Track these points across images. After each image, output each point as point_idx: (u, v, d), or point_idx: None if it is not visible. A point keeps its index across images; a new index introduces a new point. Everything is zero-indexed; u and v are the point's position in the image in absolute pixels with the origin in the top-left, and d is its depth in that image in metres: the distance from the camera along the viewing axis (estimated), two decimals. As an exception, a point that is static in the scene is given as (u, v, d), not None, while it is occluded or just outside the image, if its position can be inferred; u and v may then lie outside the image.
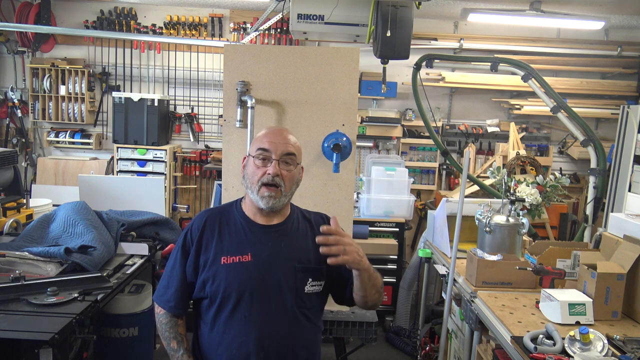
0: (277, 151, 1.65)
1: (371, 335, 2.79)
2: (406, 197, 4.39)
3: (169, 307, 1.72)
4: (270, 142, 1.66)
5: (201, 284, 1.67)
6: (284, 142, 1.68)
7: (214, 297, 1.64)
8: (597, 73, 5.14)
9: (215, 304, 1.65)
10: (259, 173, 1.65)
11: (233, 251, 1.66)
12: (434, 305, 3.92)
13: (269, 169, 1.64)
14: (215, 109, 5.28)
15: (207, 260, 1.67)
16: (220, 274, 1.64)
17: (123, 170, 4.92)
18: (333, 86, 2.76)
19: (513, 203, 2.73)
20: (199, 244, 1.69)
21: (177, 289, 1.71)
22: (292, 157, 1.68)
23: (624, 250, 2.16)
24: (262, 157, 1.66)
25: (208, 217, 1.74)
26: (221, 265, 1.64)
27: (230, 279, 1.63)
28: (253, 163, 1.67)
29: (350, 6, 3.28)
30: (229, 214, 1.75)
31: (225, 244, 1.68)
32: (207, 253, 1.68)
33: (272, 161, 1.65)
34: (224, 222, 1.73)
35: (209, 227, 1.71)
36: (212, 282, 1.64)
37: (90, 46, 5.21)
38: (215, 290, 1.64)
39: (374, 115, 5.05)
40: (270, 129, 1.74)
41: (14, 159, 3.33)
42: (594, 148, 3.74)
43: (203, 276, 1.67)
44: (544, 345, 1.79)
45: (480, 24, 4.92)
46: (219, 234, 1.70)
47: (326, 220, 1.77)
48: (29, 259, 2.32)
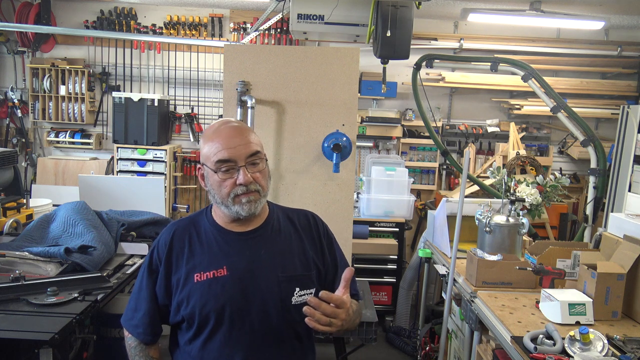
0: (240, 157, 1.42)
1: (371, 335, 2.79)
2: (406, 197, 4.39)
3: (137, 334, 1.55)
4: (228, 150, 1.41)
5: (176, 307, 1.49)
6: (244, 142, 1.43)
7: (191, 320, 1.46)
8: (597, 73, 5.14)
9: (193, 327, 1.47)
10: (227, 185, 1.42)
11: (206, 266, 1.46)
12: (434, 305, 3.91)
13: (239, 178, 1.41)
14: (215, 109, 5.28)
15: (180, 280, 1.48)
16: (194, 294, 1.45)
17: (123, 170, 4.92)
18: (333, 86, 2.76)
19: (513, 203, 2.73)
20: (168, 262, 1.51)
21: (145, 313, 1.53)
22: (257, 156, 1.46)
23: (624, 250, 2.16)
24: (224, 168, 1.42)
25: (175, 231, 1.54)
26: (195, 283, 1.45)
27: (206, 298, 1.43)
28: (216, 177, 1.43)
29: (350, 6, 3.28)
30: (199, 224, 1.55)
31: (197, 259, 1.48)
32: (178, 272, 1.49)
33: (238, 169, 1.42)
34: (194, 234, 1.53)
35: (177, 242, 1.52)
36: (186, 304, 1.45)
37: (90, 46, 5.21)
38: (190, 312, 1.45)
39: (374, 115, 5.05)
40: (220, 132, 1.46)
41: (14, 159, 3.33)
42: (594, 148, 3.74)
43: (177, 298, 1.48)
44: (544, 345, 1.79)
45: (480, 24, 4.92)
46: (190, 249, 1.50)
47: (311, 221, 1.61)
48: (29, 259, 2.32)
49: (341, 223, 2.88)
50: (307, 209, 1.69)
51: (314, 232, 1.60)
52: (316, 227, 1.61)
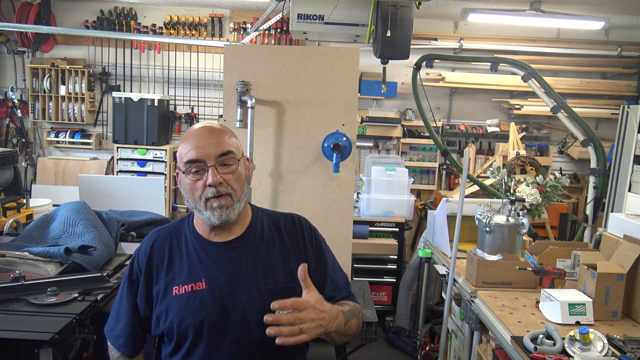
0: (209, 156, 1.35)
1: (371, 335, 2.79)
2: (406, 197, 4.39)
3: (118, 345, 1.50)
4: (197, 149, 1.35)
5: (155, 321, 1.43)
6: (213, 142, 1.36)
7: (170, 335, 1.40)
8: (597, 73, 5.14)
9: (172, 342, 1.41)
10: (197, 188, 1.36)
11: (185, 279, 1.40)
12: (434, 305, 3.92)
13: (208, 178, 1.34)
14: (215, 109, 5.28)
15: (159, 292, 1.42)
16: (172, 308, 1.38)
17: (123, 170, 4.92)
18: (333, 86, 2.76)
19: (513, 203, 2.73)
20: (148, 272, 1.44)
21: (125, 324, 1.48)
22: (229, 156, 1.38)
23: (624, 250, 2.16)
24: (194, 169, 1.36)
25: (155, 240, 1.48)
26: (173, 297, 1.39)
27: (184, 313, 1.37)
28: (187, 180, 1.38)
29: (350, 6, 3.28)
30: (180, 233, 1.48)
31: (176, 271, 1.42)
32: (158, 283, 1.43)
33: (207, 169, 1.35)
34: (174, 243, 1.46)
35: (157, 252, 1.46)
36: (165, 318, 1.40)
37: (90, 46, 5.21)
38: (169, 326, 1.39)
39: (374, 115, 5.05)
40: (192, 133, 1.40)
41: (14, 159, 3.33)
42: (594, 148, 3.74)
43: (157, 311, 1.42)
44: (544, 345, 1.79)
45: (480, 24, 4.93)
46: (169, 260, 1.44)
47: (297, 225, 1.51)
48: (29, 259, 2.32)
49: (341, 223, 2.88)
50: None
51: (300, 238, 1.51)
52: (302, 232, 1.52)
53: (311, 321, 1.24)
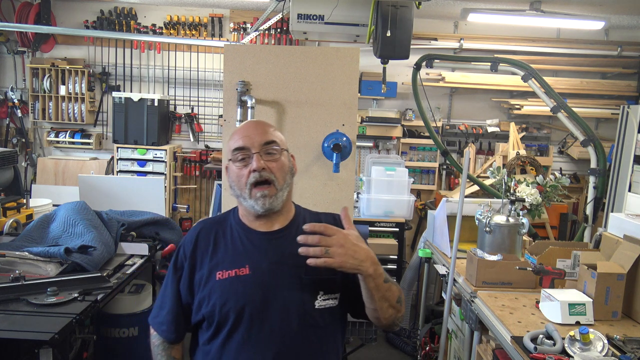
0: (254, 144, 1.44)
1: (371, 335, 2.79)
2: (406, 197, 4.39)
3: (161, 331, 1.54)
4: (244, 138, 1.46)
5: (197, 306, 1.47)
6: (259, 132, 1.47)
7: (211, 319, 1.44)
8: (597, 73, 5.14)
9: (212, 326, 1.44)
10: (243, 175, 1.44)
11: (229, 264, 1.45)
12: (434, 305, 3.91)
13: (252, 164, 1.43)
14: (215, 109, 5.28)
15: (202, 278, 1.47)
16: (215, 292, 1.43)
17: (123, 170, 4.92)
18: (333, 86, 2.76)
19: (513, 203, 2.73)
20: (192, 259, 1.50)
21: (169, 310, 1.53)
22: (273, 146, 1.47)
23: (624, 250, 2.16)
24: (240, 157, 1.45)
25: (201, 229, 1.55)
26: (216, 281, 1.44)
27: (227, 296, 1.41)
28: (234, 167, 1.47)
29: (350, 6, 3.28)
30: (226, 223, 1.55)
31: (220, 257, 1.48)
32: (202, 269, 1.48)
33: (252, 156, 1.44)
34: (219, 233, 1.53)
35: (202, 240, 1.52)
36: (207, 302, 1.44)
37: (90, 46, 5.21)
38: (211, 310, 1.43)
39: (374, 115, 5.05)
40: (241, 126, 1.55)
41: (14, 159, 3.33)
42: (594, 148, 3.74)
43: (199, 296, 1.47)
44: (544, 345, 1.79)
45: (480, 24, 4.92)
46: (214, 247, 1.50)
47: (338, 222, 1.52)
48: (29, 259, 2.32)
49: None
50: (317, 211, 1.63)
51: None
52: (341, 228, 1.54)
53: (339, 247, 1.29)
